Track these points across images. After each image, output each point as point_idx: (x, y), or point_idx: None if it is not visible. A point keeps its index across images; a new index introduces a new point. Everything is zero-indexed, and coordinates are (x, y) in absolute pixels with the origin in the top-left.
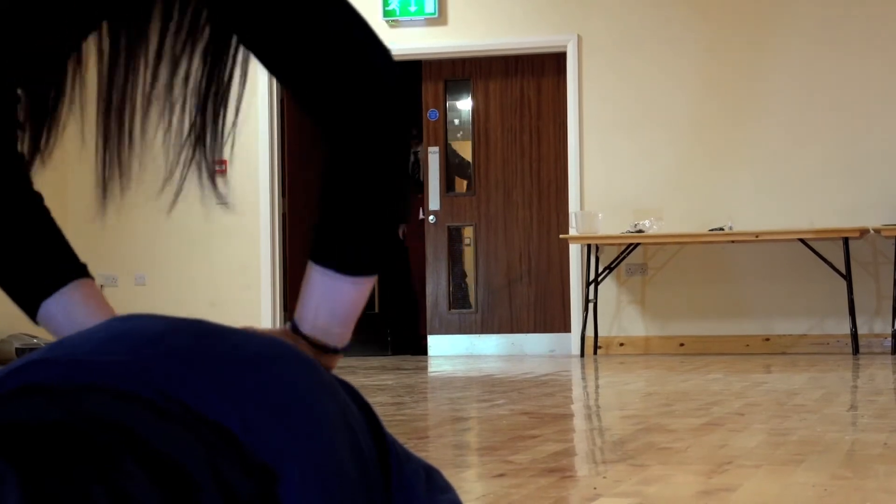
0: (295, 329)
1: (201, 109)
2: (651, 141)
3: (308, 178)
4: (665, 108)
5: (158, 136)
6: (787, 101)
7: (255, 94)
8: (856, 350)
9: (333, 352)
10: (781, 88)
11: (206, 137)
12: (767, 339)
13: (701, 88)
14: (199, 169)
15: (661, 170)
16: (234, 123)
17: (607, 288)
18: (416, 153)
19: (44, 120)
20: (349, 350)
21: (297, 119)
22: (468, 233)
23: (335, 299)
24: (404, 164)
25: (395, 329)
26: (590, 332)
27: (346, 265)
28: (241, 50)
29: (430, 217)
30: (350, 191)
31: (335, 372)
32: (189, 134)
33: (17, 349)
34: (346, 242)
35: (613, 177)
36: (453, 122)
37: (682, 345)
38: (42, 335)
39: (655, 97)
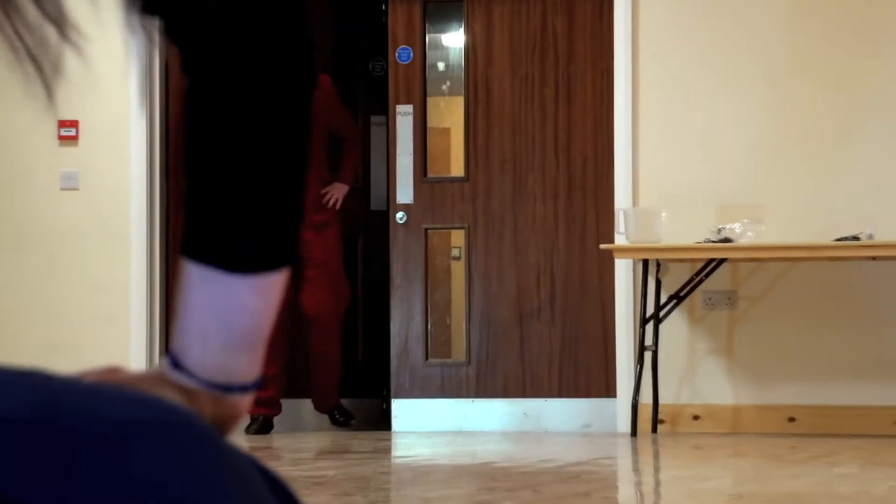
0: (176, 365)
1: None
2: (743, 102)
3: None
4: (765, 52)
5: None
6: None
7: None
8: None
9: (240, 391)
10: None
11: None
12: None
13: (821, 26)
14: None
15: (759, 146)
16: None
17: (674, 328)
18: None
19: None
20: (262, 386)
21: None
22: (457, 239)
23: (229, 311)
24: (305, 99)
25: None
26: (646, 398)
27: (237, 258)
28: None
29: (399, 214)
30: (232, 140)
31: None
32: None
33: None
34: (235, 222)
35: (684, 156)
36: (436, 66)
37: (791, 419)
38: None
39: (750, 35)
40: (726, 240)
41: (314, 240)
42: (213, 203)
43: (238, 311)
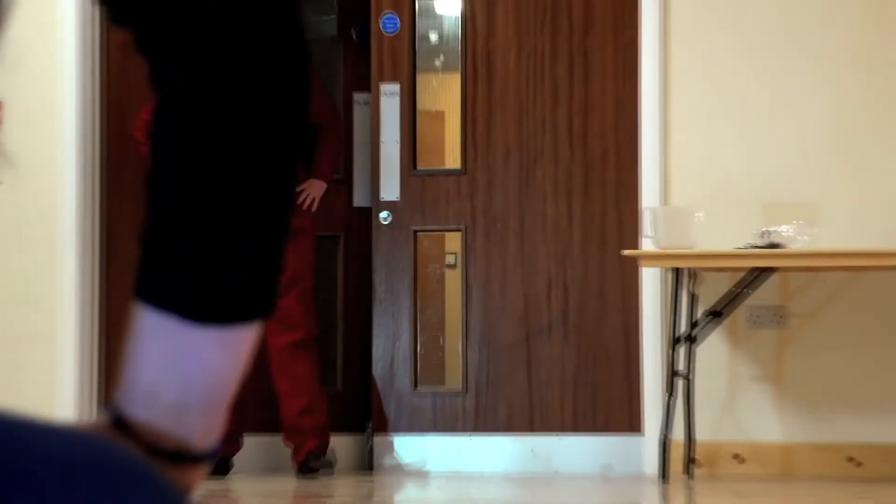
0: (118, 421)
1: None
2: (795, 83)
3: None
4: (821, 25)
5: None
6: None
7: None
8: None
9: (192, 460)
10: None
11: None
12: None
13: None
14: None
15: (814, 134)
16: None
17: (712, 351)
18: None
19: None
20: (219, 455)
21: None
22: (452, 243)
23: (188, 366)
24: (294, 117)
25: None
26: (678, 435)
27: (203, 305)
28: None
29: (383, 214)
30: (202, 169)
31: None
32: None
33: None
34: (203, 261)
35: (724, 144)
36: (428, 37)
37: (854, 461)
38: None
39: (804, 7)
40: (774, 245)
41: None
42: (176, 236)
43: (199, 368)
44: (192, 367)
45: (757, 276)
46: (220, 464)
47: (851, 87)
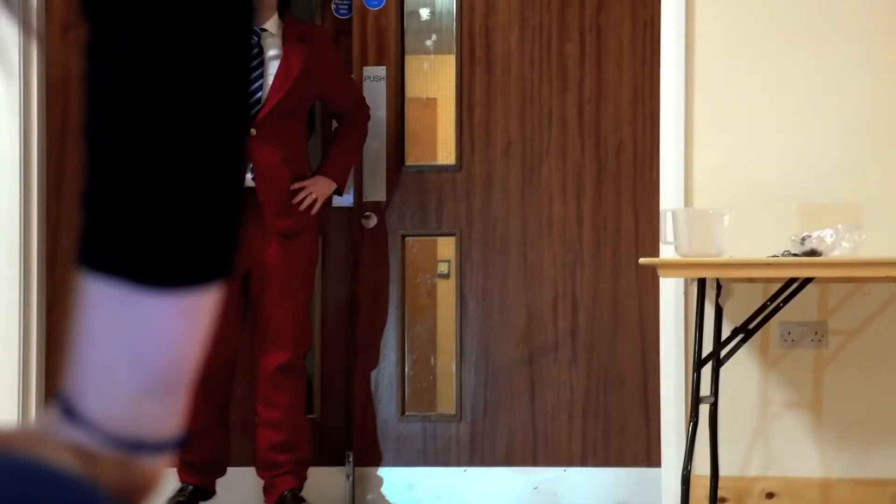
0: (68, 414)
1: None
2: (836, 68)
3: None
4: (865, 5)
5: None
6: None
7: None
8: None
9: (154, 450)
10: None
11: None
12: None
13: None
14: None
15: (858, 126)
16: None
17: (740, 373)
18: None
19: None
20: (188, 445)
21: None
22: (445, 250)
23: (143, 340)
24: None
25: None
26: (702, 468)
27: (156, 268)
28: None
29: (366, 215)
30: (153, 101)
31: None
32: None
33: None
34: (153, 218)
35: (755, 138)
36: (418, 13)
37: None
38: None
39: None
40: (813, 252)
41: (277, 255)
42: (122, 192)
43: (155, 342)
44: (147, 342)
45: (792, 287)
46: (194, 496)
47: None
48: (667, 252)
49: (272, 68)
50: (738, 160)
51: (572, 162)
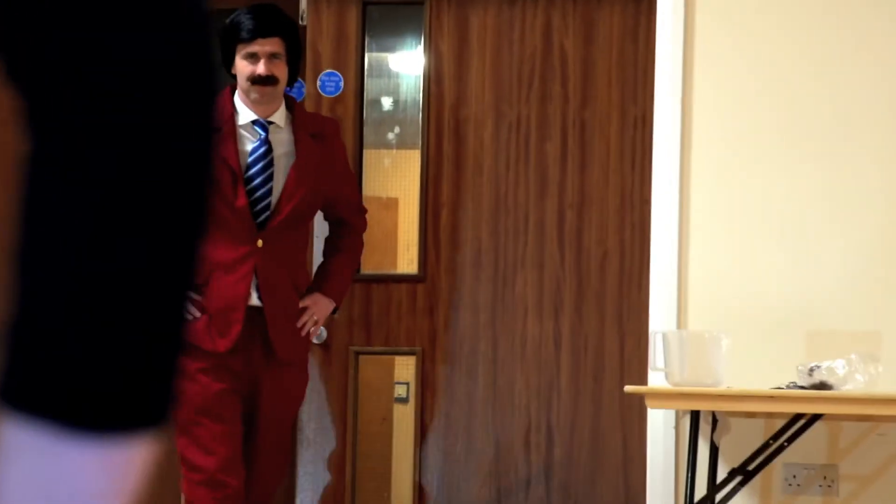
0: None
1: None
2: (851, 175)
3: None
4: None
5: None
6: None
7: None
8: None
9: None
10: None
11: None
12: None
13: None
14: None
15: (874, 243)
16: None
17: None
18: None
19: None
20: None
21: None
22: (404, 370)
23: (59, 495)
24: (196, 165)
25: None
26: None
27: (79, 407)
28: None
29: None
30: (99, 215)
31: None
32: None
33: None
34: (77, 356)
35: (759, 252)
36: (379, 104)
37: None
38: None
39: (865, 86)
40: (822, 385)
41: (274, 383)
42: (50, 323)
43: (74, 496)
44: (65, 498)
45: (799, 425)
46: None
47: None
48: (656, 380)
49: (282, 168)
50: (738, 277)
51: (550, 274)
